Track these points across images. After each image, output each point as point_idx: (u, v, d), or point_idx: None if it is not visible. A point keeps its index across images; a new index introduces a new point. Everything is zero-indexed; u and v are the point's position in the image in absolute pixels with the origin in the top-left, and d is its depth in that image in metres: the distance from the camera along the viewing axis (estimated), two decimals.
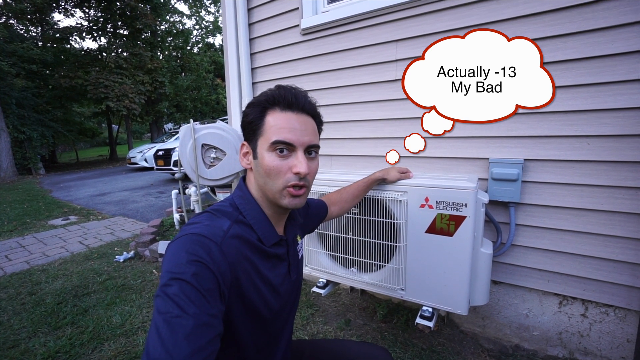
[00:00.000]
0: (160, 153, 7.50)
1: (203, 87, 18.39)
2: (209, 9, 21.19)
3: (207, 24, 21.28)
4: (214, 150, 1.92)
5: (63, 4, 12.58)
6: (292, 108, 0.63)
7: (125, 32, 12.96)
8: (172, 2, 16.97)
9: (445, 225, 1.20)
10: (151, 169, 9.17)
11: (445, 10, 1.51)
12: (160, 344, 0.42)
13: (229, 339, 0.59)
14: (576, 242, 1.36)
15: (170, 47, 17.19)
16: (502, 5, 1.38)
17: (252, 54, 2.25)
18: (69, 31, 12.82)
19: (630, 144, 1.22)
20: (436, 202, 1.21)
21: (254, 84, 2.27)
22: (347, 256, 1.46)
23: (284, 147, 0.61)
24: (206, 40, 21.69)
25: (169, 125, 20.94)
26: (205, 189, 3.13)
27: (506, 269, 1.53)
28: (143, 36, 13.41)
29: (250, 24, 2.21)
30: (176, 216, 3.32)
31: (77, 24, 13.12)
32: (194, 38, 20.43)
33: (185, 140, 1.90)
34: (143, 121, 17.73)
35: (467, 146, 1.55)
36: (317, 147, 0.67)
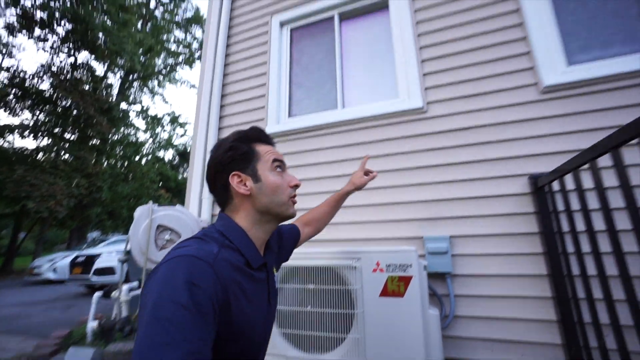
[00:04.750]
0: (80, 259, 6.50)
1: (145, 196, 17.76)
2: (165, 127, 22.67)
3: (161, 140, 22.33)
4: (169, 232, 1.89)
5: (12, 103, 12.23)
6: (270, 143, 0.81)
7: (74, 137, 12.88)
8: (131, 118, 17.99)
9: (396, 286, 1.33)
10: (61, 281, 7.69)
11: (367, 129, 2.06)
12: None
13: None
14: (505, 307, 1.56)
15: (118, 156, 17.17)
16: None
17: None
18: (3, 129, 11.97)
19: (521, 220, 1.62)
20: (386, 266, 1.36)
21: None
22: (304, 332, 1.41)
23: (280, 165, 0.77)
24: (157, 153, 22.29)
25: (94, 234, 18.67)
26: (139, 291, 2.77)
27: (454, 343, 1.60)
28: (92, 142, 13.42)
29: (220, 128, 2.58)
30: (92, 324, 2.74)
31: (20, 124, 12.48)
32: (145, 150, 20.91)
33: (139, 221, 1.87)
34: (64, 227, 15.59)
35: (405, 227, 1.84)
36: None
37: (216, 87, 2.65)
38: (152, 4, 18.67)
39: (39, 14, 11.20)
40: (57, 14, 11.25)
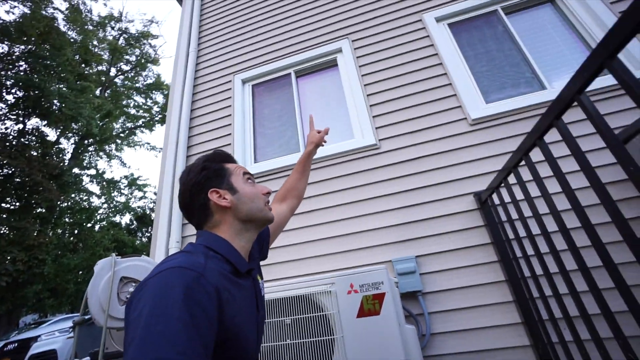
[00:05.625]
0: (9, 347, 5.49)
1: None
2: (122, 191, 21.36)
3: (117, 204, 20.84)
4: (133, 284, 1.78)
5: None
6: (234, 161, 0.88)
7: (14, 207, 11.57)
8: (84, 183, 16.87)
9: (371, 305, 1.37)
10: None
11: (329, 167, 2.25)
12: None
13: None
14: (474, 317, 1.64)
15: (67, 224, 15.56)
16: None
17: None
18: None
19: (474, 233, 1.80)
20: (359, 286, 1.41)
21: (184, 224, 2.43)
22: None
23: (250, 177, 0.85)
24: (112, 218, 20.59)
25: (29, 318, 15.96)
26: None
27: None
28: (36, 211, 12.13)
29: None
30: None
31: None
32: (99, 216, 19.31)
33: (101, 274, 1.73)
34: None
35: (374, 254, 1.93)
36: None
37: (182, 139, 2.73)
38: (113, 72, 19.07)
39: None
40: (8, 83, 10.99)
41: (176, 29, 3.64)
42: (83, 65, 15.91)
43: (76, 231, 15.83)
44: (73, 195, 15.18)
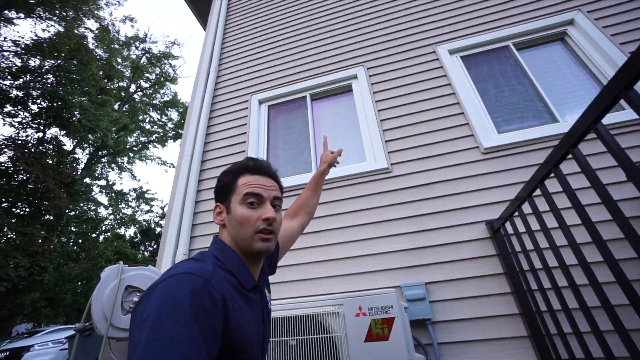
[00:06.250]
0: (0, 356, 5.36)
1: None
2: (130, 203, 21.57)
3: (124, 216, 20.95)
4: (138, 294, 1.76)
5: None
6: (260, 172, 0.78)
7: (24, 212, 11.72)
8: (94, 192, 17.12)
9: (380, 330, 1.33)
10: None
11: (341, 188, 2.26)
12: None
13: None
14: (486, 352, 1.57)
15: (72, 233, 15.62)
16: None
17: (195, 213, 2.55)
18: None
19: (486, 263, 1.76)
20: (368, 309, 1.38)
21: (192, 237, 2.44)
22: None
23: (254, 200, 0.73)
24: (117, 230, 20.62)
25: (22, 327, 15.64)
26: None
27: None
28: (44, 218, 12.23)
29: (198, 191, 2.65)
30: None
31: None
32: (104, 227, 19.39)
33: (106, 282, 1.73)
34: None
35: (383, 278, 1.89)
36: (281, 201, 0.79)
37: (197, 154, 2.80)
38: (132, 88, 19.90)
39: (14, 92, 11.42)
40: (34, 93, 11.53)
41: (196, 51, 3.94)
42: (105, 80, 16.69)
43: (80, 240, 15.86)
44: (82, 205, 15.34)
